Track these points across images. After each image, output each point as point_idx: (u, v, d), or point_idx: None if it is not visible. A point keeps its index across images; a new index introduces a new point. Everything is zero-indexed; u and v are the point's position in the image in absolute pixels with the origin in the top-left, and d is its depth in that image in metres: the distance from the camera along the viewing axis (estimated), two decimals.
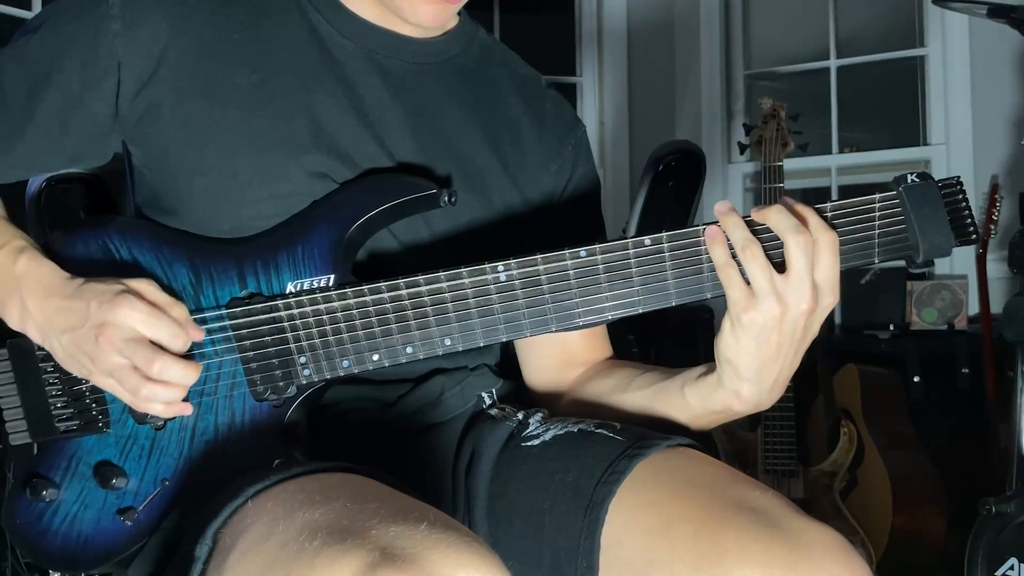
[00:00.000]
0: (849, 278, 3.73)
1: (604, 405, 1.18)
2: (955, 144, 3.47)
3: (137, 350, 0.96)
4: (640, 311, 1.01)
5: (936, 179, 0.99)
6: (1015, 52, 3.31)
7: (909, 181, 0.99)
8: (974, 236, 1.00)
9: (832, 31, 3.82)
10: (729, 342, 1.01)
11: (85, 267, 1.04)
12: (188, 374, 0.98)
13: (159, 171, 1.09)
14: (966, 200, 1.00)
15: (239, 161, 1.06)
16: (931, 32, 3.59)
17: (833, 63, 3.82)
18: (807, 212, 0.97)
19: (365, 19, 1.14)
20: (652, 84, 4.04)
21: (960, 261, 3.39)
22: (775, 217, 0.97)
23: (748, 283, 0.97)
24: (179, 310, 1.00)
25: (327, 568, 0.76)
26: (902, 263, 1.01)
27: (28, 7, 3.18)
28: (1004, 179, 3.25)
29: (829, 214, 0.99)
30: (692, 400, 1.10)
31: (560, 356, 1.25)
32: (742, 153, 3.08)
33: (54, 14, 1.09)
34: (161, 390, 0.98)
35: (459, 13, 1.24)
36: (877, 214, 0.99)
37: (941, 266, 3.47)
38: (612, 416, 1.14)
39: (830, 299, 0.98)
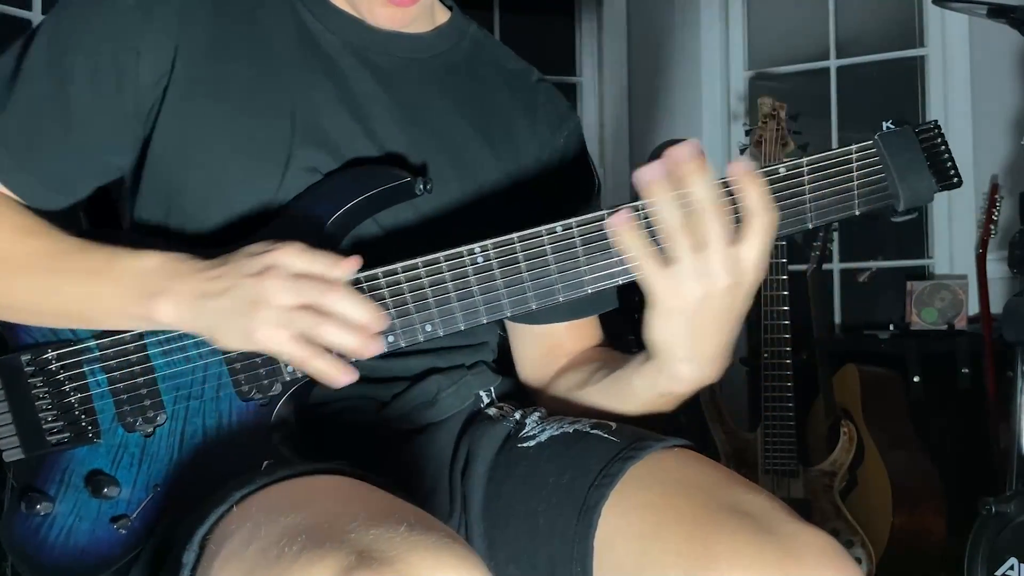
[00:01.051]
0: (849, 278, 3.73)
1: (571, 401, 1.18)
2: (955, 144, 3.45)
3: (308, 282, 0.94)
4: (620, 282, 1.00)
5: (913, 124, 0.98)
6: (1015, 52, 3.31)
7: (884, 128, 0.97)
8: (956, 180, 0.98)
9: (832, 31, 3.81)
10: (657, 327, 0.98)
11: None
12: (363, 305, 0.95)
13: (157, 164, 1.09)
14: (945, 144, 0.99)
15: (232, 157, 1.06)
16: (931, 32, 3.58)
17: (833, 63, 3.82)
18: (751, 186, 0.93)
19: (350, 14, 1.14)
20: (652, 84, 4.04)
21: (960, 261, 3.39)
22: (698, 186, 0.91)
23: (665, 264, 0.93)
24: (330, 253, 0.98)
25: (304, 572, 0.76)
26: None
27: (28, 7, 3.19)
28: (1004, 179, 3.25)
29: (805, 168, 0.97)
30: (640, 388, 1.08)
31: (546, 346, 1.25)
32: (742, 153, 3.08)
33: (73, 11, 1.07)
34: (343, 328, 0.95)
35: (450, 8, 1.24)
36: (855, 164, 0.97)
37: (941, 266, 3.47)
38: (579, 412, 1.15)
39: (754, 276, 0.94)
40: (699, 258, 0.92)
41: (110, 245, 1.03)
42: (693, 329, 0.97)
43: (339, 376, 0.97)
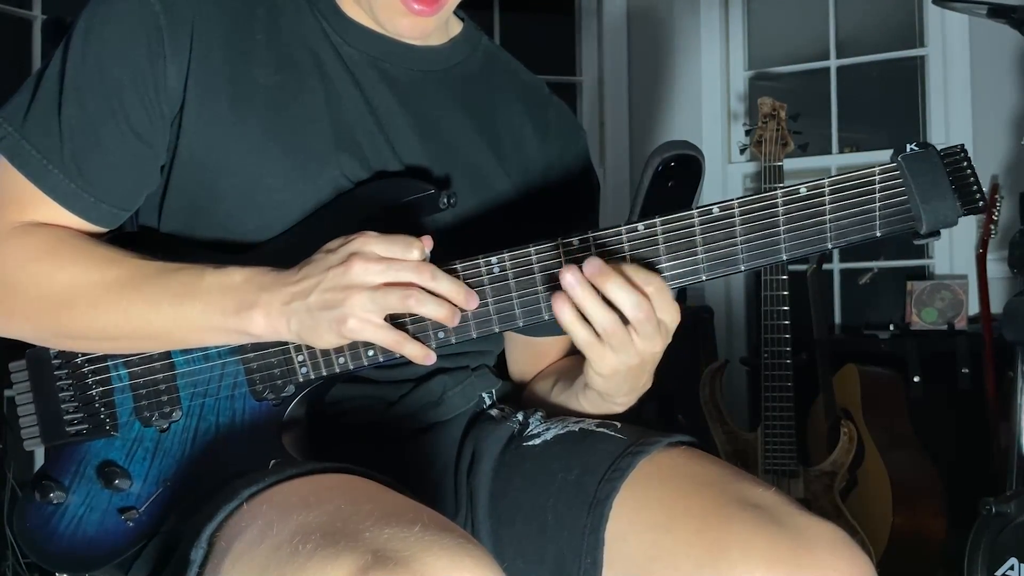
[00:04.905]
0: (849, 278, 3.73)
1: (547, 405, 1.22)
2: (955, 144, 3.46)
3: (390, 262, 0.94)
4: None
5: (938, 147, 0.97)
6: (1015, 52, 3.31)
7: (908, 150, 0.97)
8: (981, 204, 0.97)
9: (832, 31, 3.82)
10: (598, 382, 1.05)
11: None
12: (446, 280, 0.95)
13: (183, 169, 1.08)
14: (971, 168, 0.97)
15: (267, 163, 1.06)
16: (931, 32, 3.58)
17: (833, 63, 3.82)
18: (629, 272, 0.97)
19: (367, 27, 1.14)
20: (652, 84, 4.04)
21: (960, 261, 3.39)
22: (614, 293, 0.96)
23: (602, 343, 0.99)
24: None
25: (319, 571, 0.76)
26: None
27: (28, 7, 3.19)
28: (1004, 179, 3.25)
29: (827, 188, 0.97)
30: (587, 407, 1.15)
31: (532, 354, 1.29)
32: (742, 153, 3.08)
33: (102, 20, 1.05)
34: (432, 299, 0.95)
35: (463, 19, 1.24)
36: (877, 186, 0.97)
37: (941, 266, 3.47)
38: (556, 412, 1.19)
39: (674, 323, 1.00)
40: (635, 340, 0.97)
41: (189, 264, 1.02)
42: (630, 381, 1.04)
43: (430, 356, 0.98)
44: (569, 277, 0.95)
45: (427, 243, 0.97)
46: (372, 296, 0.93)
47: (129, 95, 1.04)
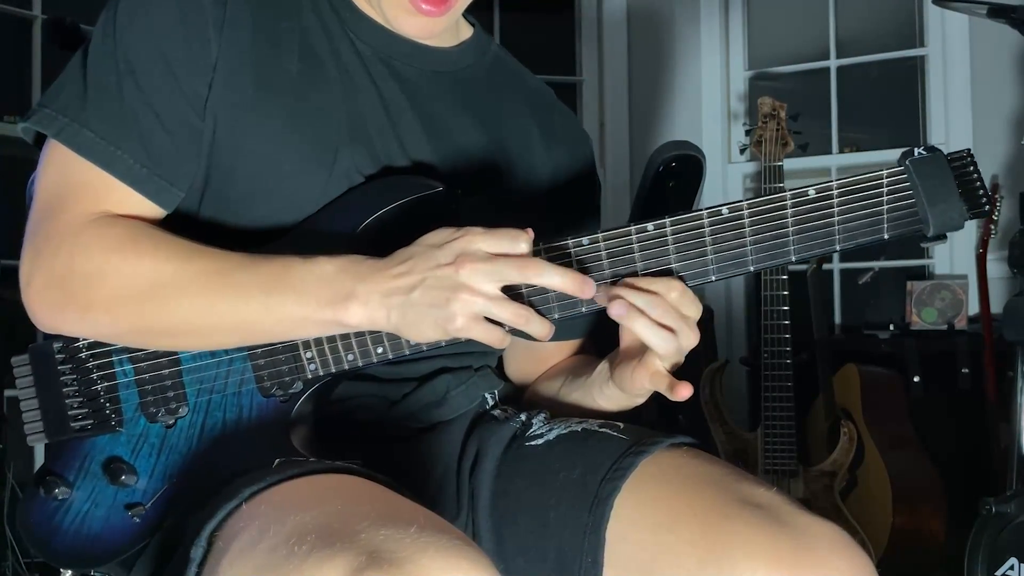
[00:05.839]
0: (849, 278, 3.73)
1: (556, 404, 1.22)
2: (955, 144, 3.47)
3: (503, 262, 0.94)
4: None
5: (945, 152, 0.99)
6: (1015, 52, 3.31)
7: (916, 154, 0.98)
8: (987, 208, 0.99)
9: (832, 31, 3.82)
10: (645, 384, 1.04)
11: None
12: (561, 272, 0.95)
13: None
14: (977, 172, 0.99)
15: (284, 150, 1.06)
16: (931, 32, 3.59)
17: (833, 63, 3.82)
18: (640, 282, 0.99)
19: (379, 23, 1.15)
20: (652, 84, 4.04)
21: (960, 261, 3.40)
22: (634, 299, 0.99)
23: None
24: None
25: (315, 572, 0.76)
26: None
27: (28, 7, 3.19)
28: (1004, 179, 3.25)
29: (835, 191, 0.98)
30: (607, 405, 1.15)
31: (532, 357, 1.29)
32: (742, 153, 3.08)
33: (150, 7, 1.06)
34: (538, 316, 0.96)
35: (472, 24, 1.25)
36: (885, 189, 0.98)
37: (941, 266, 3.48)
38: (564, 411, 1.18)
39: (698, 315, 1.02)
40: (678, 337, 1.00)
41: (272, 255, 1.01)
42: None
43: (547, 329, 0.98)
44: (623, 289, 0.98)
45: (531, 234, 0.97)
46: (486, 305, 0.93)
47: (184, 73, 1.04)
